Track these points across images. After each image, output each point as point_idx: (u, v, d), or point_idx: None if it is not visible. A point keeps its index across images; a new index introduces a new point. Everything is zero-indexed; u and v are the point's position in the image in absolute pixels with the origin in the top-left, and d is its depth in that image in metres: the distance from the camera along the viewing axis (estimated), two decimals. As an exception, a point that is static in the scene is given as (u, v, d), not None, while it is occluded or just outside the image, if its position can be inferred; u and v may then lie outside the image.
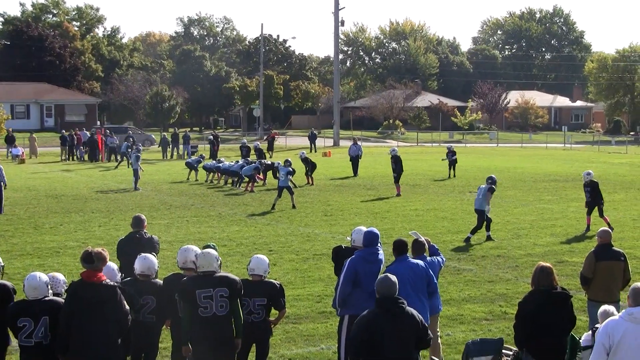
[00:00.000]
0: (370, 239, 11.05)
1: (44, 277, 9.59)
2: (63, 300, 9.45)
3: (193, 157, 43.90)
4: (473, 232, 22.34)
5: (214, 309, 9.54)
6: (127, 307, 9.36)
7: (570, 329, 9.88)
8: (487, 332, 13.59)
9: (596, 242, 12.56)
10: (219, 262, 9.96)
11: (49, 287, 9.52)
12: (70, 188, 36.37)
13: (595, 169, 47.08)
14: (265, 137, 63.85)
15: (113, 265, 10.24)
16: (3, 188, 28.47)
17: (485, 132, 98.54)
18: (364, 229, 11.88)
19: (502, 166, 48.70)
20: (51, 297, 9.50)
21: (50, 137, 77.45)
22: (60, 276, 10.20)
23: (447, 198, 32.47)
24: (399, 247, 11.14)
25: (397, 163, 34.19)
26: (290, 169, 30.58)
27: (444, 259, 12.53)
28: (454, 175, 40.91)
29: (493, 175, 24.00)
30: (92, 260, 9.27)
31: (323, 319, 14.35)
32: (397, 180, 34.10)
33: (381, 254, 11.16)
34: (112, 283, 9.35)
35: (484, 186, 23.02)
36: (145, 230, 13.11)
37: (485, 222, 22.47)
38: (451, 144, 44.13)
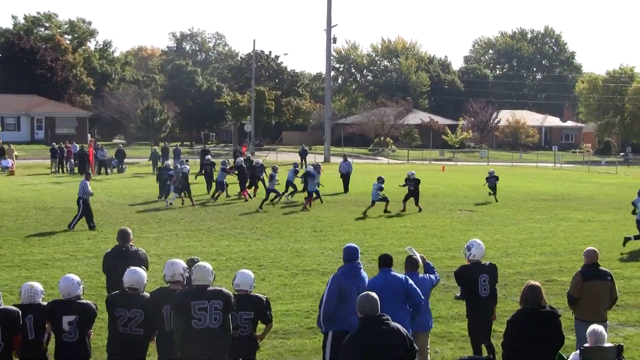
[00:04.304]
0: (351, 254, 11.21)
1: None
2: (16, 309, 9.75)
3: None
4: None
5: (207, 322, 9.55)
6: None
7: (558, 348, 9.87)
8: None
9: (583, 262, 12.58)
10: (213, 277, 9.97)
11: (1, 296, 9.96)
12: (59, 200, 36.27)
13: (585, 189, 47.31)
14: (234, 151, 63.58)
15: (38, 286, 10.26)
16: (83, 203, 27.81)
17: (476, 151, 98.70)
18: (479, 241, 12.45)
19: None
20: (4, 306, 9.80)
21: (41, 149, 77.30)
22: (38, 286, 10.33)
23: (437, 215, 32.50)
24: (380, 260, 11.53)
25: (416, 186, 34.26)
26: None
27: (439, 277, 12.56)
28: (496, 200, 38.44)
29: None
30: None
31: (311, 335, 14.32)
32: (416, 202, 34.19)
33: (362, 269, 11.22)
34: None
35: None
36: (131, 244, 13.07)
37: None
38: (492, 169, 41.76)
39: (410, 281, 11.32)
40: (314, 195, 35.60)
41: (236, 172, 38.51)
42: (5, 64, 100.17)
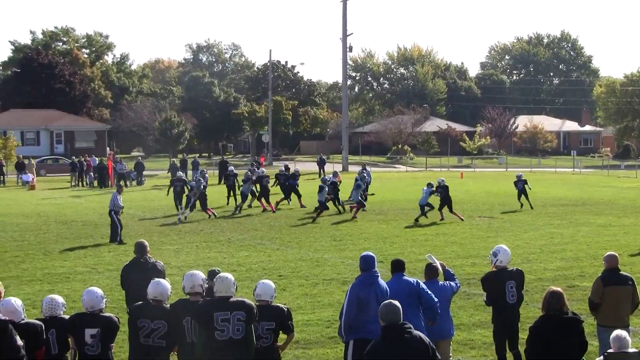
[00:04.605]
0: (367, 262, 11.10)
1: (19, 301, 9.86)
2: (39, 323, 9.73)
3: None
4: None
5: (230, 333, 9.53)
6: (19, 342, 9.15)
7: (581, 355, 9.82)
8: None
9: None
10: (235, 288, 9.99)
11: (24, 310, 9.86)
12: (80, 214, 36.44)
13: (605, 193, 47.05)
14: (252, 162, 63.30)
15: (18, 301, 9.96)
16: (115, 214, 27.76)
17: (494, 157, 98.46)
18: (505, 247, 12.54)
19: (512, 191, 48.55)
20: (27, 320, 9.74)
21: (60, 163, 77.60)
22: (59, 299, 10.41)
23: (457, 222, 32.36)
24: (392, 265, 11.67)
25: (445, 193, 33.41)
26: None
27: (459, 285, 12.53)
28: (531, 207, 37.36)
29: None
30: None
31: (333, 344, 14.30)
32: (450, 209, 33.36)
33: (379, 277, 11.20)
34: (3, 317, 9.14)
35: None
36: (149, 256, 13.10)
37: None
38: (520, 173, 40.95)
39: (422, 285, 11.36)
40: (353, 204, 35.47)
41: (256, 182, 38.29)
42: (24, 78, 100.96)
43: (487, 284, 12.52)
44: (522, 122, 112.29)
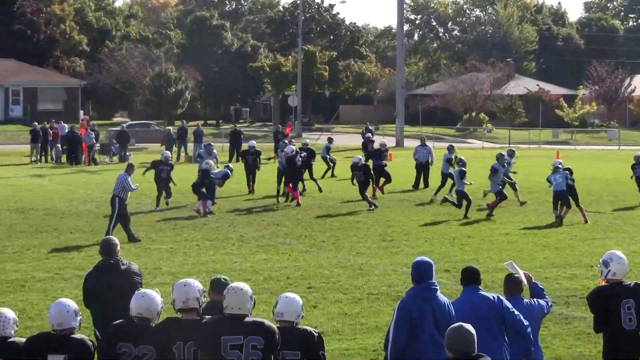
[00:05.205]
0: (421, 271, 11.00)
1: None
2: None
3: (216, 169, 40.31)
4: None
5: (242, 364, 9.43)
6: None
7: None
8: (607, 404, 13.30)
9: None
10: (253, 303, 9.87)
11: None
12: (41, 199, 36.59)
13: None
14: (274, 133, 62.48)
15: (9, 313, 10.01)
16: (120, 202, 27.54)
17: (603, 130, 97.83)
18: (620, 254, 12.25)
19: (626, 176, 48.10)
20: None
21: (17, 130, 78.09)
22: (10, 314, 10.21)
23: (550, 218, 31.97)
24: (463, 276, 11.55)
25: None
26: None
27: (551, 304, 12.35)
28: None
29: None
30: None
31: (380, 382, 14.21)
32: (577, 202, 31.64)
33: (439, 290, 11.09)
34: None
35: None
36: (119, 257, 12.91)
37: None
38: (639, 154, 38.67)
39: (506, 302, 11.22)
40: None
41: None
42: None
43: (595, 303, 12.28)
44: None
